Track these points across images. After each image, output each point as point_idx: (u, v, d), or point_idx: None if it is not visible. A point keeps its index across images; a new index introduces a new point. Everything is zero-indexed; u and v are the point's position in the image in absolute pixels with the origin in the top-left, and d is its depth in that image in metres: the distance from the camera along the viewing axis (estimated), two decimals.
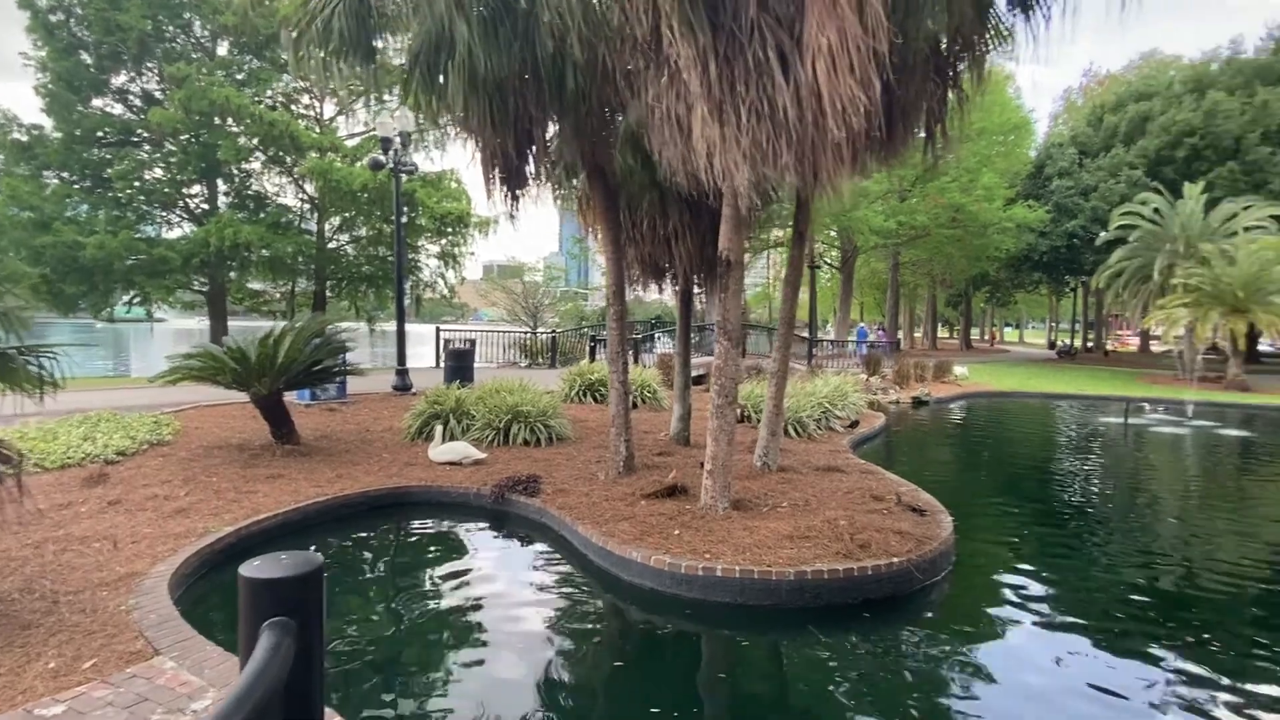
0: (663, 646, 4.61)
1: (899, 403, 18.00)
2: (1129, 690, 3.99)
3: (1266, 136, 29.66)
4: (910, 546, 5.37)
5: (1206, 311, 22.77)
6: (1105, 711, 3.78)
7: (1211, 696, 3.94)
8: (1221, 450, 13.36)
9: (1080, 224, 32.03)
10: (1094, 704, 3.86)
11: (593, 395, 13.31)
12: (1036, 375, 27.13)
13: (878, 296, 50.24)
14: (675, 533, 5.61)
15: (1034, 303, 61.75)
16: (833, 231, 33.96)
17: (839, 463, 8.61)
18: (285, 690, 1.34)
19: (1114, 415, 17.24)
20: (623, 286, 7.59)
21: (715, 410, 6.14)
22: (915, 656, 4.40)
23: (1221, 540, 7.27)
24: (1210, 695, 3.95)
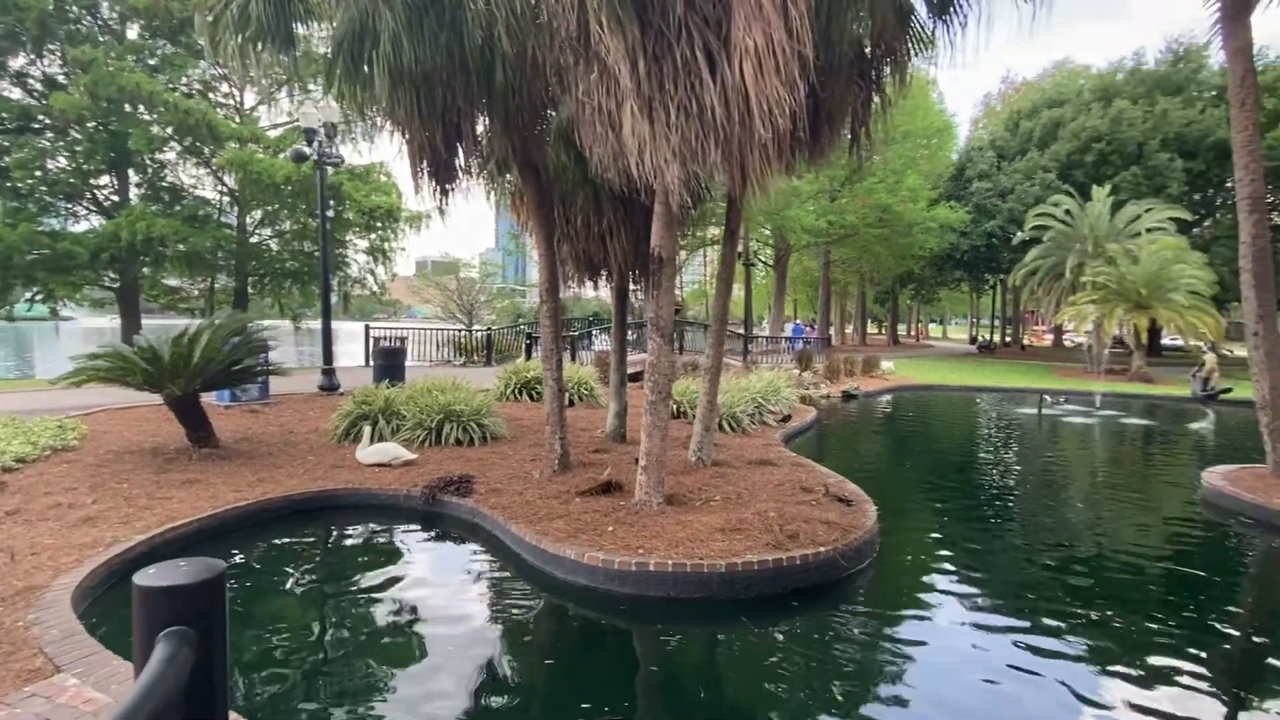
0: (597, 643, 4.63)
1: (830, 397, 18.48)
2: (1043, 667, 4.21)
3: (1165, 143, 31.69)
4: (836, 536, 5.53)
5: (1113, 308, 24.20)
6: (1021, 688, 3.98)
7: (1115, 669, 4.20)
8: (1125, 438, 14.23)
9: (998, 224, 33.54)
10: (1011, 681, 4.06)
11: (529, 393, 13.20)
12: (958, 369, 28.30)
13: (810, 293, 51.43)
14: (609, 529, 5.63)
15: (956, 300, 64.34)
16: (767, 230, 34.59)
17: (771, 456, 8.78)
18: (185, 701, 1.29)
19: (1029, 407, 18.14)
20: (557, 284, 7.55)
21: (649, 406, 6.18)
22: (842, 642, 4.54)
23: (1123, 523, 7.76)
24: (1113, 668, 4.22)
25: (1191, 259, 24.75)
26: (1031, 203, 31.33)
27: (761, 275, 45.56)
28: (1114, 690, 3.96)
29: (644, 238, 7.54)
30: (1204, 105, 32.05)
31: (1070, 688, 3.96)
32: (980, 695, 3.91)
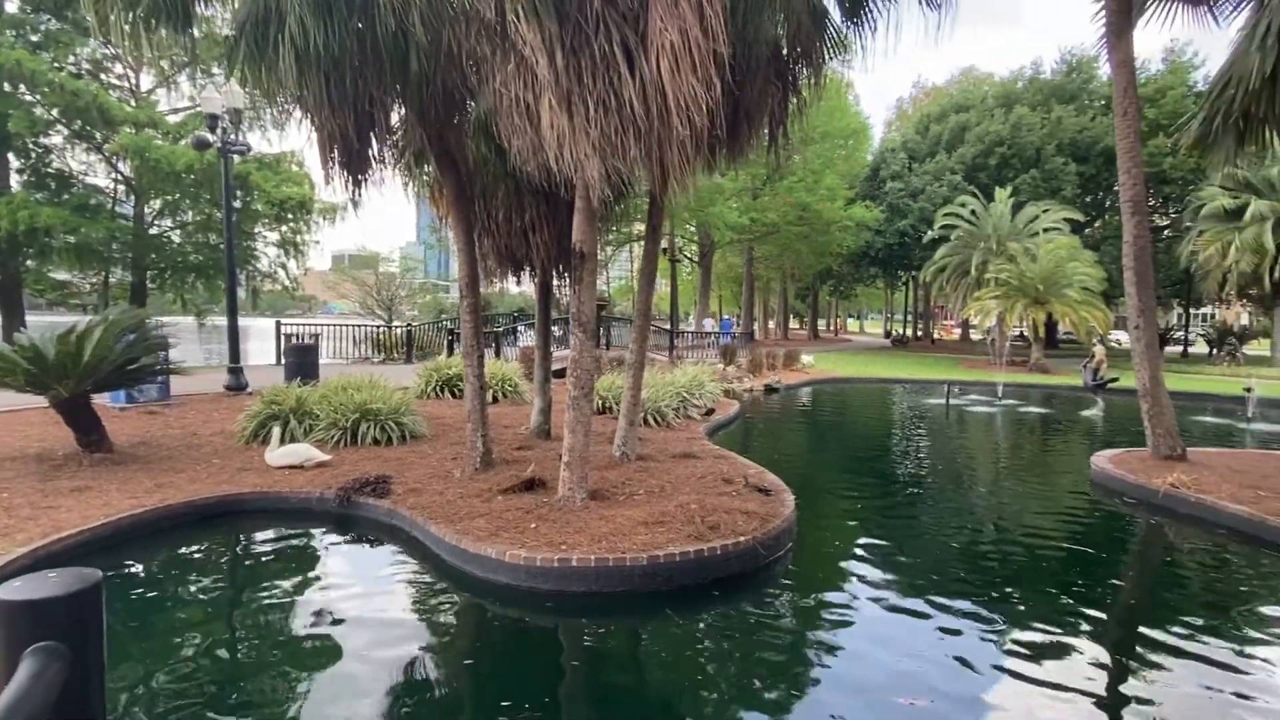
0: (519, 641, 4.58)
1: (752, 390, 18.88)
2: (952, 645, 4.44)
3: (1060, 148, 33.80)
4: (756, 525, 5.67)
5: (1014, 303, 25.67)
6: (933, 665, 4.18)
7: (1018, 641, 4.46)
8: (1024, 426, 15.13)
9: (910, 223, 35.01)
10: (924, 658, 4.25)
11: (451, 391, 12.94)
12: (873, 362, 29.42)
13: (734, 289, 52.39)
14: (532, 526, 5.58)
15: (872, 295, 66.87)
16: (691, 226, 35.01)
17: (694, 449, 8.91)
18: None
19: (938, 397, 19.02)
20: (477, 279, 7.42)
21: (572, 402, 6.16)
22: (762, 628, 4.65)
23: (1022, 505, 8.25)
24: (1017, 640, 4.48)
25: (1084, 257, 26.53)
26: (940, 203, 32.86)
27: (687, 271, 46.08)
28: (1018, 662, 4.20)
29: (567, 233, 7.49)
30: (1094, 113, 34.33)
31: (978, 662, 4.19)
32: (895, 673, 4.07)
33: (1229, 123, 8.90)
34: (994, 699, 3.81)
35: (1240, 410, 15.74)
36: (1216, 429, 14.32)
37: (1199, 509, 7.20)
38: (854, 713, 3.66)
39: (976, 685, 3.94)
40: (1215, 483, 7.69)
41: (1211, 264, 26.83)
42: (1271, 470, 8.38)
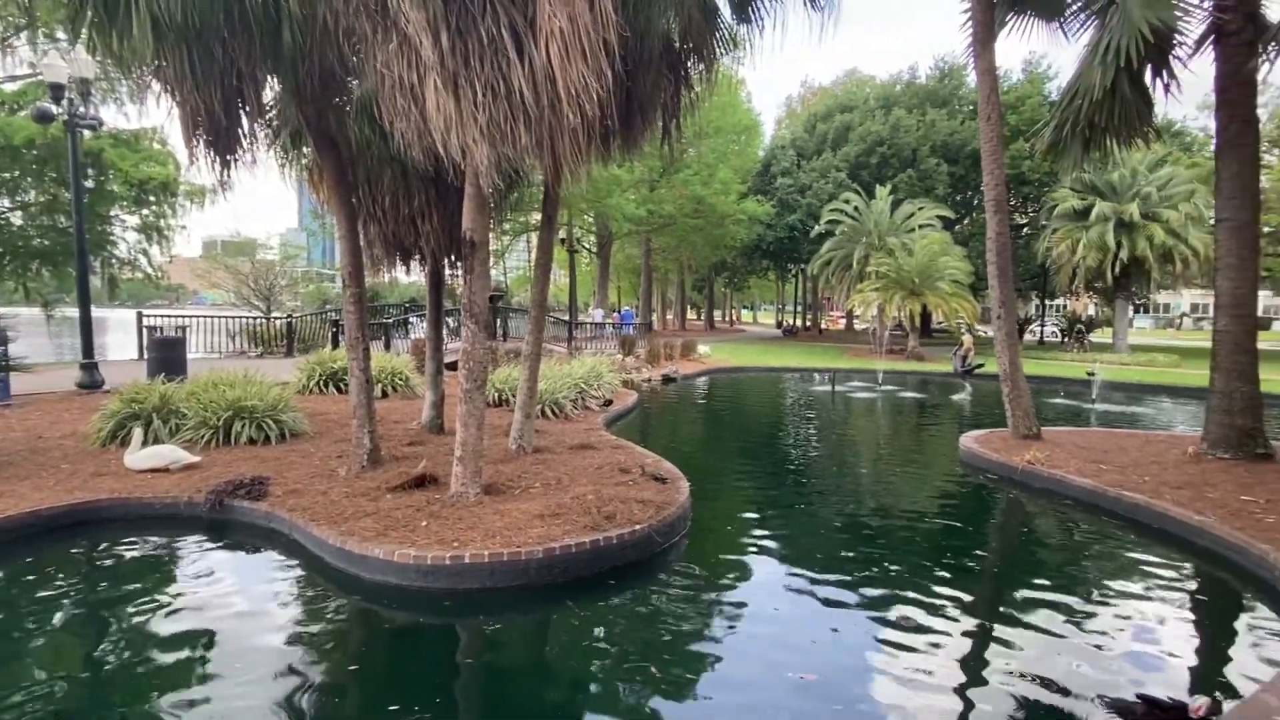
0: (411, 643, 4.44)
1: (650, 381, 19.09)
2: (841, 617, 4.66)
3: (934, 150, 36.02)
4: (651, 513, 5.74)
5: (892, 295, 27.20)
6: (821, 641, 4.37)
7: (896, 610, 4.74)
8: (902, 410, 16.09)
9: (799, 218, 36.36)
10: (812, 636, 4.45)
11: (336, 386, 12.34)
12: (765, 351, 30.45)
13: (633, 280, 52.74)
14: (423, 524, 5.41)
15: (765, 287, 69.06)
16: (590, 217, 34.91)
17: (592, 440, 8.91)
18: None
19: (825, 384, 19.92)
20: (360, 267, 7.09)
21: (464, 395, 6.01)
22: (659, 614, 4.71)
23: (901, 483, 8.78)
24: (895, 609, 4.75)
25: (954, 252, 28.46)
26: (826, 199, 34.31)
27: (586, 262, 45.95)
28: (897, 631, 4.46)
29: (457, 220, 7.27)
30: (964, 118, 36.76)
31: (862, 633, 4.44)
32: (787, 650, 4.23)
33: (1076, 131, 9.76)
34: (878, 666, 4.03)
35: (1086, 392, 17.38)
36: (1067, 409, 15.76)
37: (1051, 483, 7.91)
38: (749, 691, 3.78)
39: (861, 656, 4.17)
40: (1065, 459, 8.46)
41: (1063, 259, 29.40)
42: (1111, 447, 9.31)
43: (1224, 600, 5.34)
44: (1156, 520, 6.58)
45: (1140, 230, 27.32)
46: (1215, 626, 4.94)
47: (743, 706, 3.64)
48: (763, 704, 3.66)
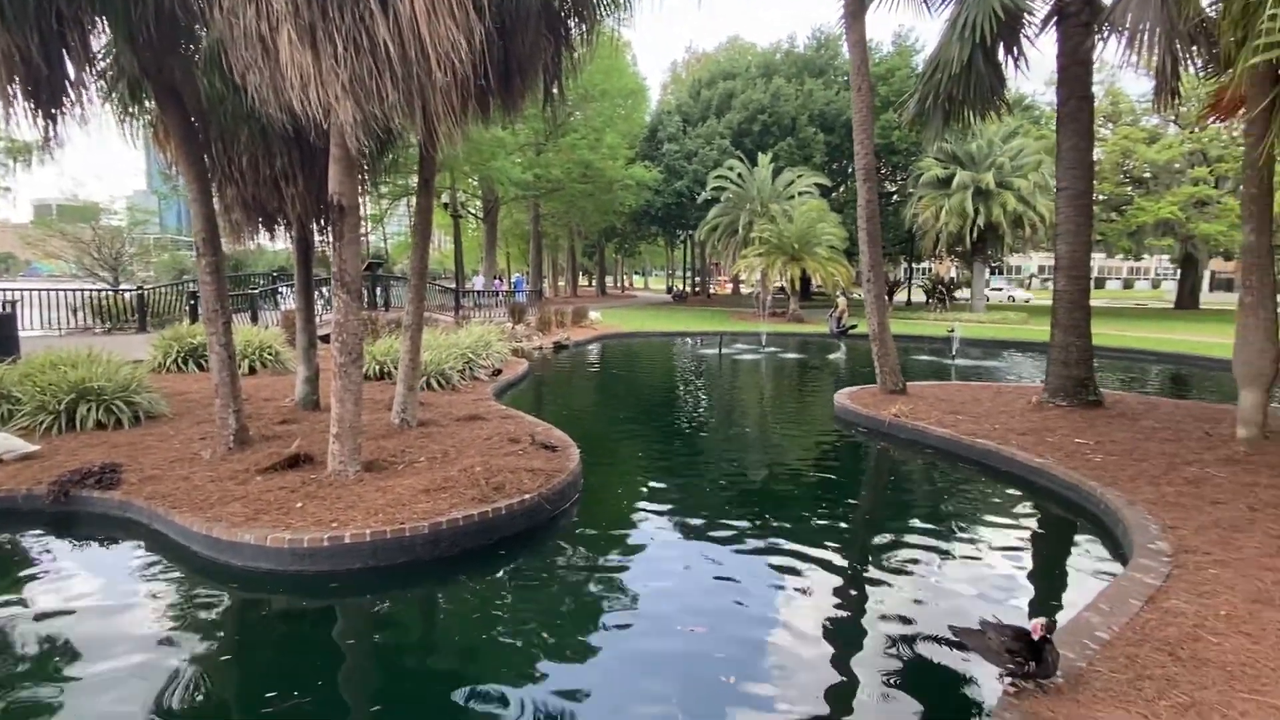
0: (291, 629, 4.24)
1: (542, 349, 18.91)
2: (727, 572, 4.85)
3: (811, 119, 37.22)
4: (541, 482, 5.73)
5: (774, 260, 28.14)
6: (709, 594, 4.54)
7: (778, 560, 4.99)
8: (783, 371, 16.80)
9: (686, 184, 36.75)
10: (700, 590, 4.61)
11: (197, 363, 11.44)
12: (656, 317, 30.84)
13: (522, 247, 51.71)
14: (298, 505, 5.16)
15: (655, 253, 69.70)
16: (474, 181, 33.77)
17: (481, 411, 8.75)
18: None
19: (712, 347, 20.45)
20: (216, 233, 6.55)
21: (339, 369, 5.72)
22: (550, 581, 4.74)
23: (782, 440, 9.20)
24: (777, 560, 5.00)
25: (831, 219, 29.71)
26: (712, 165, 34.81)
27: (473, 228, 44.57)
28: (780, 577, 4.72)
29: (325, 184, 6.83)
30: (839, 88, 38.11)
31: (748, 583, 4.65)
32: (676, 605, 4.36)
33: (938, 103, 10.35)
34: (761, 613, 4.25)
35: (947, 349, 18.77)
36: (930, 365, 16.98)
37: (915, 433, 8.52)
38: (641, 648, 3.89)
39: (746, 605, 4.37)
40: (927, 411, 9.14)
41: (928, 225, 31.40)
42: (968, 399, 10.13)
43: (1060, 533, 5.98)
44: (1005, 464, 7.25)
45: (995, 198, 29.53)
46: (1053, 556, 5.54)
47: (636, 661, 3.75)
48: (655, 658, 3.78)
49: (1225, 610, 3.65)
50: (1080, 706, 2.85)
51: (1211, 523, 4.99)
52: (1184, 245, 35.26)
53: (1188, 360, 17.70)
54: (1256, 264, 7.06)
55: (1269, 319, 7.03)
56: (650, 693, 3.46)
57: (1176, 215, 32.18)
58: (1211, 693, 2.91)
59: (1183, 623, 3.54)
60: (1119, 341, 19.93)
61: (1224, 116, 8.37)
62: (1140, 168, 35.06)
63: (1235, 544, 4.58)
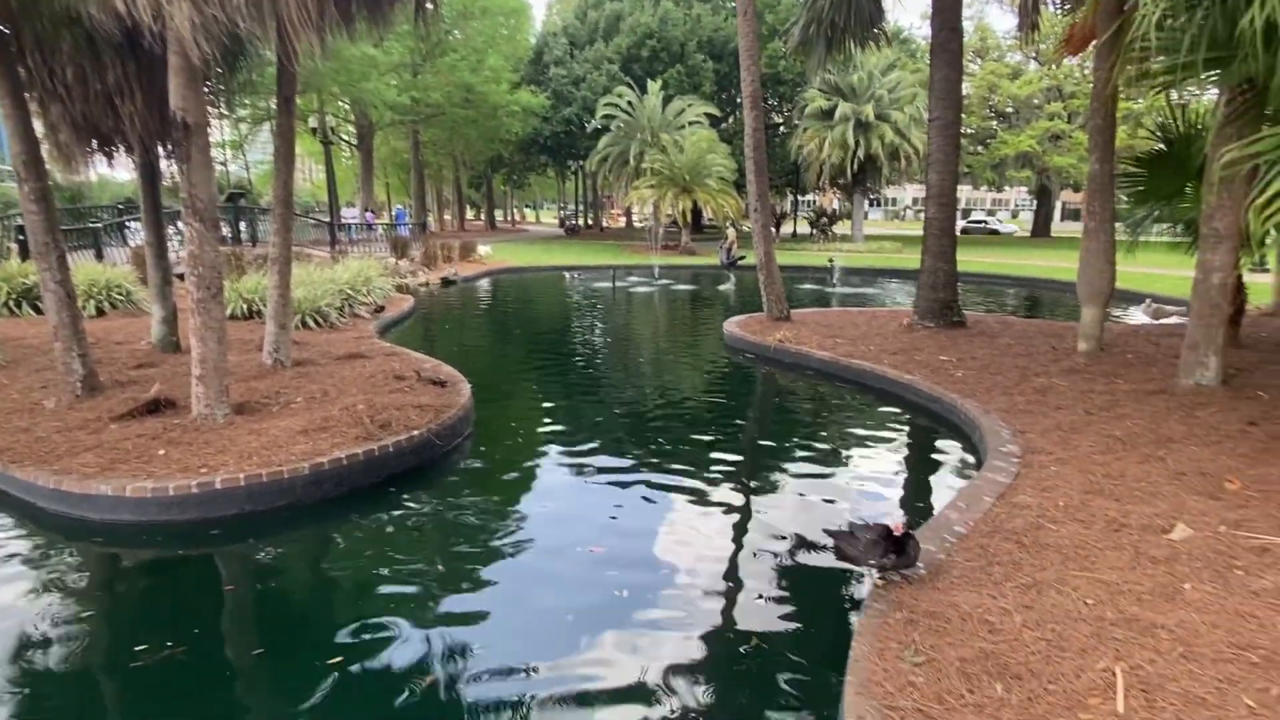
0: (161, 580, 3.99)
1: (428, 284, 18.22)
2: (623, 498, 4.94)
3: (700, 45, 36.70)
4: (430, 417, 5.58)
5: (666, 192, 28.06)
6: (607, 518, 4.62)
7: (672, 481, 5.12)
8: (676, 302, 17.02)
9: (575, 111, 35.67)
10: (598, 515, 4.68)
11: (33, 305, 10.25)
12: (548, 251, 30.28)
13: (403, 177, 48.96)
14: (160, 453, 4.79)
15: (546, 185, 67.87)
16: (345, 104, 31.36)
17: (363, 349, 8.37)
18: None
19: (606, 281, 20.38)
20: (38, 156, 5.76)
21: (197, 306, 5.26)
22: (445, 514, 4.67)
23: (674, 369, 9.38)
24: (670, 481, 5.14)
25: (721, 150, 29.79)
26: (600, 92, 33.86)
27: (346, 156, 41.67)
28: (675, 497, 4.86)
29: (168, 100, 6.13)
30: (727, 14, 37.63)
31: (643, 506, 4.77)
32: (575, 530, 4.42)
33: (820, 30, 10.44)
34: (657, 531, 4.39)
35: (829, 278, 19.58)
36: (813, 293, 17.67)
37: (798, 357, 8.90)
38: (543, 572, 3.92)
39: (643, 526, 4.50)
40: (809, 336, 9.54)
41: (812, 157, 32.13)
42: (846, 324, 10.65)
43: (926, 441, 6.47)
44: (878, 381, 7.72)
45: (874, 130, 30.51)
46: (920, 462, 6.00)
47: (537, 583, 3.79)
48: (555, 579, 3.84)
49: (1063, 502, 4.09)
50: (939, 592, 3.14)
51: (1054, 426, 5.54)
52: (1040, 177, 37.94)
53: (1040, 283, 19.33)
54: (1099, 191, 7.68)
55: (1108, 243, 7.72)
56: (549, 611, 3.51)
57: (1034, 148, 34.50)
58: (1050, 573, 3.27)
59: (1028, 514, 3.95)
60: (981, 267, 21.43)
61: (1076, 51, 8.91)
62: (1004, 102, 37.17)
63: (1073, 444, 5.11)
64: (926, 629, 2.84)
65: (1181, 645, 2.65)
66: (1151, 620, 2.82)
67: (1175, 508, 3.90)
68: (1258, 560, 3.28)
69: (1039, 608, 2.96)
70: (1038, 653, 2.64)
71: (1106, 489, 4.24)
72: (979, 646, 2.69)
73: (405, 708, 2.83)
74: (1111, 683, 2.45)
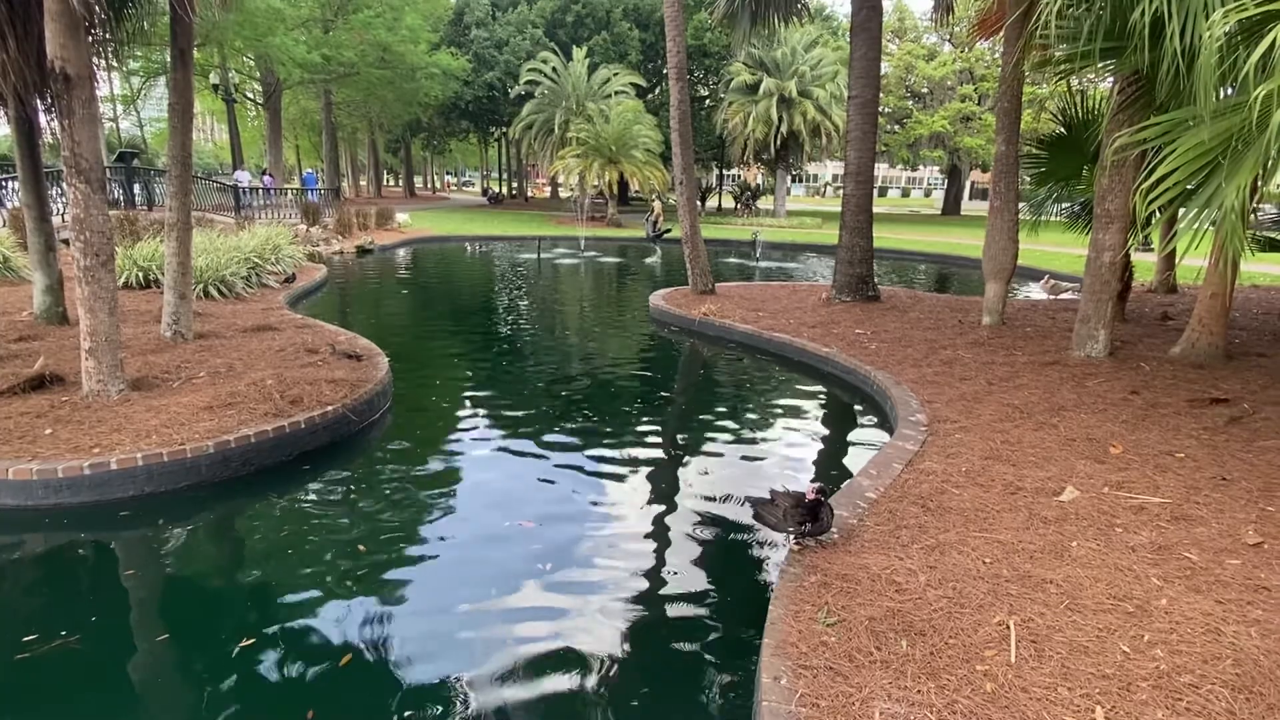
0: (50, 569, 3.73)
1: (343, 253, 17.53)
2: (551, 472, 4.92)
3: (626, 13, 36.21)
4: (345, 393, 5.40)
5: (591, 163, 27.73)
6: (536, 492, 4.59)
7: (600, 453, 5.14)
8: (602, 274, 16.95)
9: (497, 76, 34.66)
10: (526, 489, 4.64)
11: None
12: (471, 220, 29.53)
13: (314, 139, 46.50)
14: (47, 432, 4.46)
15: (468, 151, 65.86)
16: (249, 60, 29.40)
17: (272, 321, 7.99)
18: None
19: (530, 252, 20.07)
20: None
21: (84, 274, 4.87)
22: (361, 493, 4.54)
23: (599, 342, 9.35)
24: (598, 453, 5.15)
25: (646, 121, 29.59)
26: (524, 57, 33.01)
27: (252, 115, 39.22)
28: (604, 467, 4.87)
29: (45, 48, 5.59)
30: None
31: (572, 479, 4.76)
32: (504, 505, 4.38)
33: (745, 4, 10.46)
34: (587, 505, 4.40)
35: (752, 252, 19.89)
36: (737, 267, 17.93)
37: (722, 330, 9.04)
38: (463, 548, 3.88)
39: (573, 499, 4.50)
40: (732, 309, 9.70)
41: (737, 131, 32.34)
42: (769, 297, 10.87)
43: (842, 411, 6.71)
44: (797, 354, 7.94)
45: (797, 106, 30.94)
46: (836, 431, 6.23)
47: (457, 561, 3.75)
48: (476, 556, 3.80)
49: (965, 468, 4.34)
50: (851, 555, 3.28)
51: (959, 396, 5.85)
52: (951, 157, 39.46)
53: (949, 260, 20.21)
54: (1004, 172, 8.06)
55: (1012, 221, 8.13)
56: (469, 587, 3.48)
57: (947, 129, 35.82)
58: (952, 534, 3.47)
59: (933, 480, 4.16)
60: (895, 244, 22.23)
61: (987, 34, 9.26)
62: (919, 83, 38.30)
63: (976, 413, 5.41)
64: (839, 591, 2.97)
65: (1067, 599, 2.87)
66: (1042, 576, 3.04)
67: (1065, 471, 4.20)
68: (1135, 518, 3.58)
69: (941, 567, 3.14)
70: (940, 610, 2.81)
71: (1005, 455, 4.52)
72: (887, 606, 2.84)
73: (321, 689, 2.77)
74: (1006, 635, 2.63)
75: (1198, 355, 6.75)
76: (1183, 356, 6.79)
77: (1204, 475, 4.10)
